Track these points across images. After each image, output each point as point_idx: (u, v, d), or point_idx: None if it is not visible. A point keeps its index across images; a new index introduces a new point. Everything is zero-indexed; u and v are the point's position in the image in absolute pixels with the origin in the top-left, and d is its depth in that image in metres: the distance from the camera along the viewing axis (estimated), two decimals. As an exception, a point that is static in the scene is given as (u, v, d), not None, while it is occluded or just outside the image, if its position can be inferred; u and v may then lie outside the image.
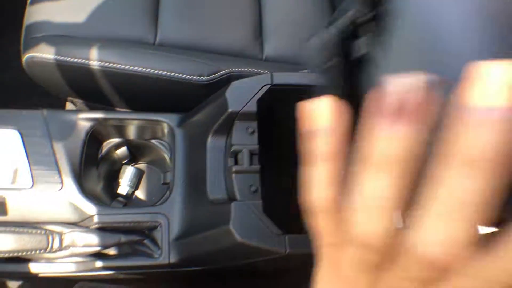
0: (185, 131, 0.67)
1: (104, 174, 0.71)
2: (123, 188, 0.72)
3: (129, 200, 0.73)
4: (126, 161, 0.74)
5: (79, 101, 0.83)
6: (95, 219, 0.61)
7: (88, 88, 0.77)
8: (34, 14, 0.79)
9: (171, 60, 0.73)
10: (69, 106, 1.07)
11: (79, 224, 0.63)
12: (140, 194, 0.74)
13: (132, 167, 0.73)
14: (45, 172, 0.64)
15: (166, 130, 0.69)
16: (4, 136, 0.66)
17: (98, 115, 0.68)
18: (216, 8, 0.85)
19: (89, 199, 0.62)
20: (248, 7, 0.88)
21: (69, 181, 0.63)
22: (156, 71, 0.72)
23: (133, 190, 0.73)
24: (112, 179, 0.73)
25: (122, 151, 0.72)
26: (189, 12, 0.83)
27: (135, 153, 0.74)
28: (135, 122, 0.69)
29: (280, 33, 0.87)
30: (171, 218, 0.62)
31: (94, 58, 0.72)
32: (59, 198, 0.63)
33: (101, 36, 0.76)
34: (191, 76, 0.73)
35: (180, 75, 0.72)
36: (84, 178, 0.65)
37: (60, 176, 0.63)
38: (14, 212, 0.63)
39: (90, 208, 0.62)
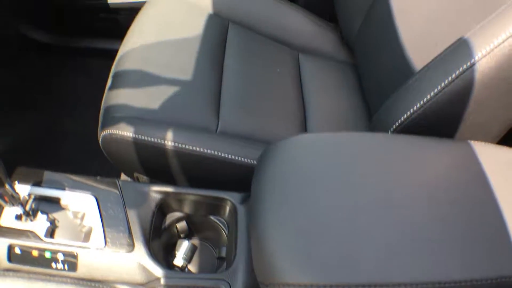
0: (247, 208, 0.74)
1: (164, 245, 0.77)
2: (179, 260, 0.76)
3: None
4: (183, 235, 0.79)
5: (144, 177, 0.90)
6: (162, 281, 0.66)
7: (157, 166, 0.85)
8: (113, 97, 0.89)
9: (235, 146, 0.83)
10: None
11: (146, 285, 0.67)
12: (192, 267, 0.78)
13: (188, 242, 0.78)
14: (118, 234, 0.70)
15: (228, 207, 0.76)
16: (81, 200, 0.73)
17: (168, 189, 0.75)
18: (268, 101, 0.97)
19: (157, 263, 0.68)
20: (294, 105, 1.00)
21: (139, 244, 0.69)
22: (223, 154, 0.81)
23: (187, 263, 0.77)
24: (169, 250, 0.78)
25: (181, 225, 0.78)
26: (245, 105, 0.95)
27: (193, 228, 0.80)
28: (198, 197, 0.76)
29: (321, 129, 0.98)
30: (233, 285, 0.67)
31: (168, 139, 0.81)
32: (129, 259, 0.68)
33: (171, 120, 0.86)
34: (253, 161, 0.82)
35: (244, 159, 0.81)
36: (152, 244, 0.71)
37: (132, 239, 0.69)
38: (83, 269, 0.68)
39: (157, 271, 0.67)
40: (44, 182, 0.74)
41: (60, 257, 0.67)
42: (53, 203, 0.72)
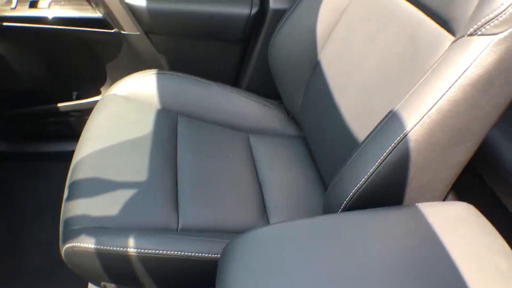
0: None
1: None
2: None
3: None
4: None
5: (111, 285, 0.89)
6: None
7: (123, 272, 0.85)
8: (71, 209, 0.90)
9: (197, 242, 0.84)
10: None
11: None
12: None
13: None
14: None
15: None
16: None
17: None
18: (225, 190, 1.00)
19: None
20: (250, 188, 1.02)
21: None
22: (186, 253, 0.82)
23: None
24: None
25: None
26: (203, 197, 0.97)
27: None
28: None
29: (280, 208, 1.01)
30: None
31: (130, 246, 0.81)
32: None
33: (132, 226, 0.87)
34: (217, 255, 0.83)
35: (208, 254, 0.82)
36: None
37: None
38: None
39: None
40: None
41: None
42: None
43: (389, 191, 0.73)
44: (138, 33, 1.30)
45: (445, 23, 0.76)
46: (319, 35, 1.07)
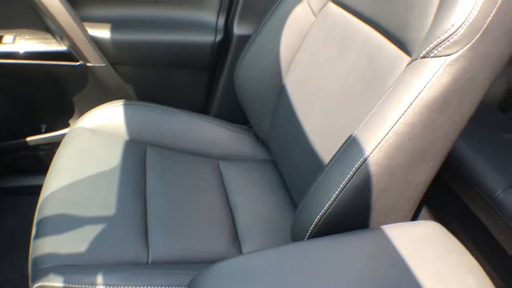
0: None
1: None
2: None
3: None
4: None
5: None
6: None
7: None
8: (39, 248, 0.88)
9: (168, 275, 0.83)
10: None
11: None
12: None
13: None
14: None
15: None
16: None
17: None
18: (196, 219, 0.99)
19: None
20: (222, 215, 1.02)
21: None
22: (153, 287, 0.81)
23: None
24: None
25: None
26: (174, 228, 0.95)
27: None
28: None
29: (251, 233, 1.00)
30: None
31: (99, 283, 0.80)
32: None
33: (101, 262, 0.85)
34: None
35: (177, 287, 0.81)
36: None
37: None
38: None
39: None
40: None
41: None
42: None
43: (354, 215, 0.73)
44: (104, 64, 1.30)
45: (402, 45, 0.77)
46: (282, 60, 1.08)
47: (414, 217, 0.84)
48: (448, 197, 1.41)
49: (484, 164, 1.30)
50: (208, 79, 1.37)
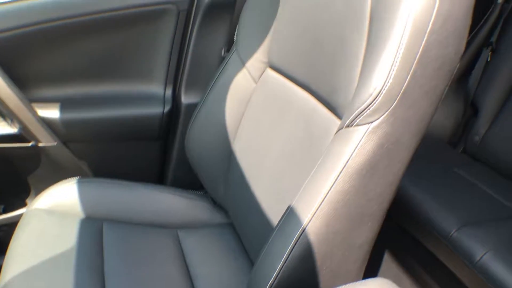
0: None
1: None
2: None
3: None
4: None
5: None
6: None
7: None
8: None
9: None
10: None
11: None
12: None
13: None
14: None
15: None
16: None
17: None
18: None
19: None
20: (182, 284, 1.01)
21: None
22: None
23: None
24: None
25: None
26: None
27: None
28: None
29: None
30: None
31: None
32: None
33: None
34: None
35: None
36: None
37: None
38: None
39: None
40: None
41: None
42: None
43: (303, 281, 0.74)
44: (56, 143, 1.30)
45: (334, 109, 0.81)
46: (228, 126, 1.11)
47: (373, 270, 0.86)
48: (406, 241, 1.43)
49: (437, 204, 1.33)
50: (161, 149, 1.39)
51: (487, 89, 1.76)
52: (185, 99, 1.31)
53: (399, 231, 1.45)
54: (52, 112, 1.28)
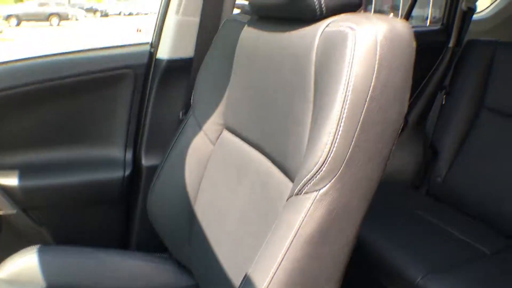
0: None
1: None
2: None
3: None
4: None
5: None
6: None
7: None
8: None
9: None
10: None
11: None
12: None
13: None
14: None
15: None
16: None
17: None
18: None
19: None
20: None
21: None
22: None
23: None
24: None
25: None
26: None
27: None
28: None
29: None
30: None
31: None
32: None
33: None
34: None
35: None
36: None
37: None
38: None
39: None
40: None
41: None
42: None
43: None
44: (15, 211, 1.28)
45: (287, 173, 0.82)
46: (189, 188, 1.11)
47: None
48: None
49: (401, 251, 1.35)
50: (123, 213, 1.38)
51: (444, 131, 1.82)
52: (146, 161, 1.31)
53: (367, 280, 1.45)
54: (10, 180, 1.27)
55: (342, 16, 0.77)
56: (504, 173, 1.62)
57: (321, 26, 0.77)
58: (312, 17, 0.78)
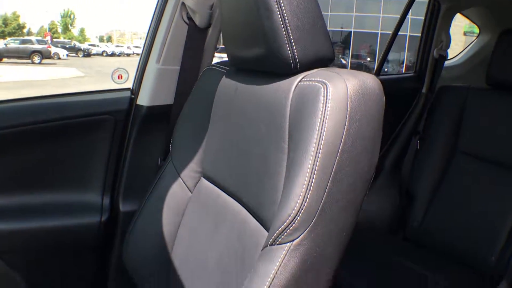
0: None
1: None
2: None
3: None
4: None
5: None
6: None
7: None
8: None
9: None
10: None
11: None
12: None
13: None
14: None
15: None
16: None
17: None
18: None
19: None
20: None
21: None
22: None
23: None
24: None
25: None
26: None
27: None
28: None
29: None
30: None
31: None
32: None
33: None
34: None
35: None
36: None
37: None
38: None
39: None
40: None
41: None
42: None
43: None
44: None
45: (262, 221, 0.83)
46: (166, 236, 1.11)
47: None
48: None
49: None
50: (100, 259, 1.36)
51: (419, 176, 1.85)
52: (123, 207, 1.31)
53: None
54: None
55: (315, 71, 0.80)
56: (479, 216, 1.65)
57: (295, 80, 0.80)
58: (287, 71, 0.82)
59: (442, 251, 1.69)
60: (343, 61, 30.19)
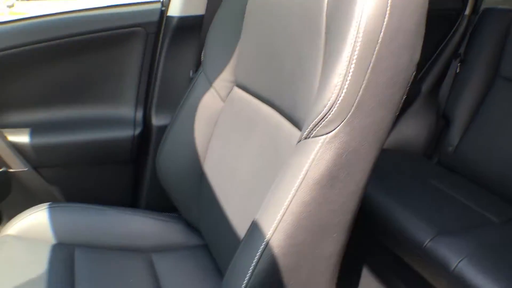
0: None
1: None
2: None
3: None
4: None
5: None
6: None
7: None
8: None
9: None
10: None
11: None
12: None
13: None
14: None
15: None
16: None
17: None
18: None
19: None
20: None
21: None
22: None
23: None
24: None
25: None
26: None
27: None
28: None
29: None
30: None
31: None
32: None
33: None
34: None
35: None
36: None
37: None
38: None
39: None
40: None
41: None
42: None
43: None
44: (26, 169, 1.29)
45: (296, 123, 0.81)
46: (198, 147, 1.11)
47: (348, 283, 0.85)
48: (382, 253, 1.43)
49: (411, 215, 1.34)
50: (133, 172, 1.38)
51: (457, 100, 1.79)
52: (156, 121, 1.31)
53: (375, 243, 1.45)
54: (22, 138, 1.27)
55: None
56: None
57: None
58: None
59: (476, 177, 1.66)
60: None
